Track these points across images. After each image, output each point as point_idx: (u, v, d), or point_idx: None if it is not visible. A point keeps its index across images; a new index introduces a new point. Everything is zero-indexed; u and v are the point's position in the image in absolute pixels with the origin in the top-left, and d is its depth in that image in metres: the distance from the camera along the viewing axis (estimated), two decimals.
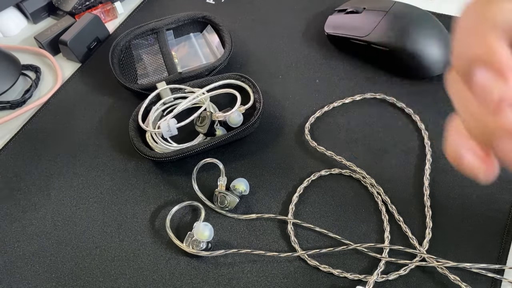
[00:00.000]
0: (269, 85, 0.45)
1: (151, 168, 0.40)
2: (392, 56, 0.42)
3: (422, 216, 0.35)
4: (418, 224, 0.34)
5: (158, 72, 0.46)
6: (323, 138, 0.40)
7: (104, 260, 0.35)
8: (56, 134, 0.44)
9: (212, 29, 0.49)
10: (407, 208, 0.35)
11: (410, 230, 0.34)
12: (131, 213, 0.37)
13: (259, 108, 0.40)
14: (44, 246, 0.36)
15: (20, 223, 0.38)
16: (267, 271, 0.33)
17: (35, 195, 0.39)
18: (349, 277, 0.32)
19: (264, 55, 0.48)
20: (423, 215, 0.35)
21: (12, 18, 0.54)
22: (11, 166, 0.41)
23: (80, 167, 0.41)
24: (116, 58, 0.46)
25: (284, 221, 0.35)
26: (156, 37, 0.48)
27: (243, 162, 0.39)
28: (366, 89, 0.43)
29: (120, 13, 0.55)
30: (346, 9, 0.46)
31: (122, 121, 0.43)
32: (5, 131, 0.45)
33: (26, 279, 0.34)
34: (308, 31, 0.50)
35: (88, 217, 0.37)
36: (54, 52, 0.51)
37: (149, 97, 0.42)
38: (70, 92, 0.47)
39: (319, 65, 0.46)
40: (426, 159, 0.37)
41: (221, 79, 0.43)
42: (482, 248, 0.32)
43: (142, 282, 0.33)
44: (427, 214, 0.34)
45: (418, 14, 0.43)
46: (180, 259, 0.34)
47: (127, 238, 0.36)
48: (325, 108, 0.42)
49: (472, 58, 0.16)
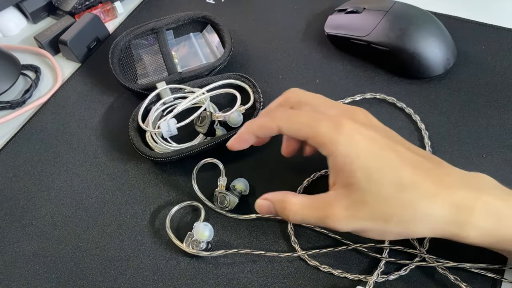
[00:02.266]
0: (269, 85, 0.45)
1: (151, 168, 0.40)
2: (392, 56, 0.42)
3: None
4: None
5: (158, 72, 0.46)
6: None
7: (104, 260, 0.35)
8: (56, 134, 0.44)
9: (212, 29, 0.49)
10: None
11: None
12: (131, 213, 0.37)
13: (259, 108, 0.40)
14: (44, 246, 0.36)
15: (20, 223, 0.38)
16: (267, 271, 0.33)
17: (35, 195, 0.39)
18: (349, 277, 0.32)
19: (264, 55, 0.48)
20: None
21: (12, 18, 0.54)
22: (11, 166, 0.41)
23: (80, 167, 0.41)
24: (116, 58, 0.46)
25: (284, 221, 0.35)
26: (156, 37, 0.48)
27: (243, 162, 0.39)
28: (366, 89, 0.43)
29: (120, 13, 0.55)
30: (346, 9, 0.46)
31: (122, 121, 0.43)
32: (5, 131, 0.45)
33: (26, 279, 0.34)
34: (308, 31, 0.50)
35: (88, 217, 0.37)
36: (54, 52, 0.51)
37: (149, 97, 0.42)
38: (70, 92, 0.47)
39: (319, 65, 0.46)
40: None
41: (221, 79, 0.43)
42: (482, 248, 0.32)
43: (142, 282, 0.33)
44: None
45: (418, 14, 0.43)
46: (180, 259, 0.34)
47: (127, 238, 0.36)
48: None
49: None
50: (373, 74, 0.44)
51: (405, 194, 0.25)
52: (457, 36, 0.45)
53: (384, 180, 0.25)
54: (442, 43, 0.42)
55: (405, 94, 0.42)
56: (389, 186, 0.25)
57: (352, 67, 0.45)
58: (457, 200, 0.25)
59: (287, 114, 0.29)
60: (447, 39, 0.43)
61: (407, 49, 0.41)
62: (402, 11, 0.43)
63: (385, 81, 0.44)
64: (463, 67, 0.44)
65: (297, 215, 0.28)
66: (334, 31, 0.46)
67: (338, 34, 0.46)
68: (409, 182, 0.25)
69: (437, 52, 0.42)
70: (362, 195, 0.25)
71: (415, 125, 0.40)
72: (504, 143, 0.38)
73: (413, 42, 0.41)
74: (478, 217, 0.25)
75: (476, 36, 0.46)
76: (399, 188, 0.25)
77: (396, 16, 0.43)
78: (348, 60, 0.46)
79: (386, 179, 0.25)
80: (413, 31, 0.41)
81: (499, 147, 0.38)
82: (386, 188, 0.25)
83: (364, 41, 0.43)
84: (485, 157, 0.37)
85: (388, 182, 0.25)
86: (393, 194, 0.25)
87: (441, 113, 0.41)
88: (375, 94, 0.42)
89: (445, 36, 0.43)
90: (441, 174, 0.26)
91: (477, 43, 0.45)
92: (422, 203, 0.25)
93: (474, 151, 0.38)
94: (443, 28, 0.43)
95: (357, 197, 0.25)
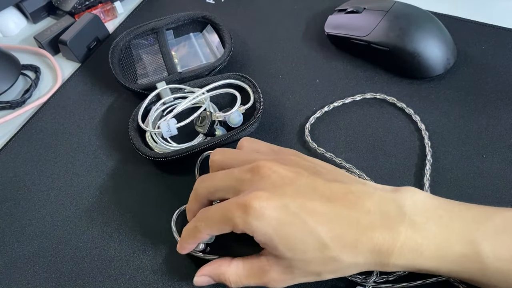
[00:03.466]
0: (269, 85, 0.45)
1: (151, 168, 0.40)
2: (392, 56, 0.42)
3: None
4: None
5: (158, 72, 0.46)
6: (323, 139, 0.40)
7: (104, 260, 0.35)
8: (56, 134, 0.44)
9: (212, 29, 0.49)
10: None
11: None
12: (131, 213, 0.37)
13: (259, 108, 0.40)
14: (44, 246, 0.36)
15: (20, 223, 0.38)
16: None
17: (35, 195, 0.39)
18: (349, 278, 0.32)
19: (264, 55, 0.48)
20: None
21: (11, 18, 0.54)
22: (11, 166, 0.41)
23: (80, 167, 0.41)
24: (116, 58, 0.46)
25: None
26: (156, 37, 0.48)
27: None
28: (366, 89, 0.43)
29: (120, 13, 0.55)
30: (346, 8, 0.46)
31: (122, 121, 0.43)
32: (5, 131, 0.45)
33: (26, 279, 0.34)
34: (308, 31, 0.50)
35: (88, 217, 0.37)
36: (54, 52, 0.51)
37: (149, 97, 0.42)
38: (70, 92, 0.47)
39: (319, 65, 0.46)
40: (427, 160, 0.37)
41: (221, 79, 0.43)
42: None
43: (142, 282, 0.33)
44: None
45: (418, 13, 0.43)
46: (180, 259, 0.34)
47: (127, 238, 0.36)
48: (325, 108, 0.42)
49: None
50: (373, 74, 0.44)
51: (328, 253, 0.26)
52: (457, 36, 0.45)
53: (304, 247, 0.27)
54: (442, 43, 0.42)
55: (405, 94, 0.42)
56: (311, 251, 0.26)
57: (352, 67, 0.45)
58: (376, 246, 0.26)
59: (203, 216, 0.30)
60: (447, 39, 0.43)
61: (407, 49, 0.41)
62: (402, 11, 0.43)
63: (385, 81, 0.44)
64: (463, 67, 0.44)
65: (237, 284, 0.30)
66: (334, 31, 0.46)
67: (338, 34, 0.46)
68: (328, 240, 0.26)
69: (437, 52, 0.42)
70: (289, 262, 0.27)
71: (415, 126, 0.40)
72: (504, 143, 0.38)
73: (413, 42, 0.41)
74: (397, 257, 0.27)
75: (476, 36, 0.46)
76: (321, 249, 0.26)
77: (396, 16, 0.43)
78: (348, 60, 0.46)
79: (306, 246, 0.26)
80: (413, 31, 0.41)
81: (499, 147, 0.38)
82: (309, 253, 0.27)
83: (364, 41, 0.43)
84: (485, 157, 0.37)
85: (309, 247, 0.26)
86: (317, 255, 0.27)
87: (441, 113, 0.41)
88: (375, 94, 0.42)
89: (445, 36, 0.43)
90: (360, 214, 0.27)
91: (477, 43, 0.45)
92: (344, 257, 0.27)
93: (474, 151, 0.38)
94: (443, 28, 0.43)
95: (287, 264, 0.28)
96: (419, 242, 0.27)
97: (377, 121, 0.41)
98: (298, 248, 0.27)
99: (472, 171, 0.37)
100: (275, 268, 0.28)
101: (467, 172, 0.37)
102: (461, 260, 0.27)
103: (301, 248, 0.27)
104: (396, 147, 0.39)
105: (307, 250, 0.27)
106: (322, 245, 0.26)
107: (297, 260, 0.27)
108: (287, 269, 0.28)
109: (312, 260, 0.27)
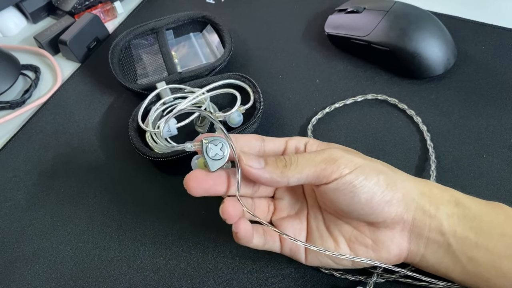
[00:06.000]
0: (269, 85, 0.45)
1: (151, 168, 0.40)
2: (392, 56, 0.42)
3: None
4: None
5: (158, 72, 0.46)
6: (324, 140, 0.40)
7: (104, 260, 0.35)
8: (55, 134, 0.43)
9: (212, 29, 0.49)
10: None
11: None
12: (131, 213, 0.37)
13: (259, 108, 0.40)
14: (44, 246, 0.36)
15: (20, 223, 0.38)
16: (267, 272, 0.33)
17: (35, 195, 0.39)
18: (350, 279, 0.32)
19: (264, 55, 0.48)
20: None
21: (11, 18, 0.54)
22: (11, 166, 0.41)
23: (80, 167, 0.41)
24: (116, 58, 0.46)
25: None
26: (156, 37, 0.48)
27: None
28: (367, 89, 0.43)
29: (120, 13, 0.55)
30: (347, 8, 0.46)
31: (121, 121, 0.43)
32: (5, 131, 0.45)
33: (26, 279, 0.34)
34: (308, 31, 0.50)
35: (88, 217, 0.37)
36: (54, 52, 0.51)
37: (149, 97, 0.42)
38: (70, 92, 0.47)
39: (319, 65, 0.46)
40: (431, 161, 0.37)
41: (221, 79, 0.43)
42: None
43: (142, 282, 0.33)
44: None
45: (419, 14, 0.43)
46: (180, 259, 0.34)
47: (127, 238, 0.36)
48: (326, 109, 0.42)
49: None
50: (373, 74, 0.44)
51: (393, 173, 0.29)
52: (457, 36, 0.45)
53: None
54: (442, 43, 0.42)
55: (406, 94, 0.42)
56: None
57: (352, 67, 0.45)
58: (431, 198, 0.28)
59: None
60: (447, 39, 0.43)
61: (407, 49, 0.41)
62: (402, 11, 0.43)
63: (385, 81, 0.44)
64: (463, 67, 0.44)
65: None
66: (334, 31, 0.46)
67: (338, 34, 0.46)
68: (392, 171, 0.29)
69: (438, 52, 0.41)
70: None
71: (417, 127, 0.40)
72: (504, 143, 0.38)
73: (414, 42, 0.41)
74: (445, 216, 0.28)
75: (476, 36, 0.46)
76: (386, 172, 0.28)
77: (397, 16, 0.43)
78: (348, 60, 0.46)
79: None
80: (413, 31, 0.41)
81: (499, 147, 0.38)
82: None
83: (364, 41, 0.43)
84: (485, 157, 0.37)
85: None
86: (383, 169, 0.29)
87: (442, 113, 0.40)
88: (376, 95, 0.42)
89: (445, 36, 0.43)
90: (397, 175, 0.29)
91: (477, 43, 0.45)
92: (400, 183, 0.28)
93: (474, 151, 0.38)
94: (443, 28, 0.43)
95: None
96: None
97: (378, 122, 0.41)
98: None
99: (472, 171, 0.37)
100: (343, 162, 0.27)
101: (467, 172, 0.37)
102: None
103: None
104: (397, 148, 0.39)
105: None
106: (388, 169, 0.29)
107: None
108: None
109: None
